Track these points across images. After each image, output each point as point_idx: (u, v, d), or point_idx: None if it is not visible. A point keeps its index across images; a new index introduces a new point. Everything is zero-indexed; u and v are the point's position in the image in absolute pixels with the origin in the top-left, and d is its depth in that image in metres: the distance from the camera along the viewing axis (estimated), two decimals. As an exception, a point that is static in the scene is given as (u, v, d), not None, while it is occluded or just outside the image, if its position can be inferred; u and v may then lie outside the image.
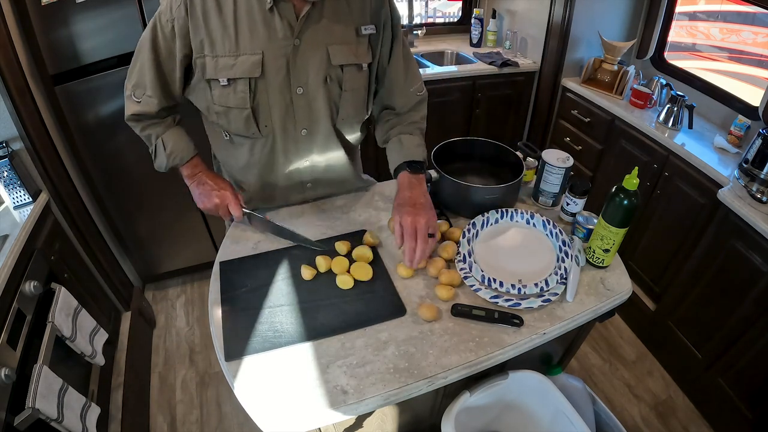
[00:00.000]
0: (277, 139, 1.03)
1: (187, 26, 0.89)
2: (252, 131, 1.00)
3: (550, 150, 1.17)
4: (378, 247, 1.07)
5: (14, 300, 1.15)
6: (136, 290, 1.99)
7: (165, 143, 1.03)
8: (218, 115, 0.99)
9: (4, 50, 1.33)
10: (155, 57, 0.94)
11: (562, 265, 1.00)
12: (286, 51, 0.92)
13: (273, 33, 0.90)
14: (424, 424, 1.13)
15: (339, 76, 0.99)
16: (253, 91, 0.94)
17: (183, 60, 0.94)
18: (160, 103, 0.99)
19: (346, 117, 1.06)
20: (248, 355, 0.82)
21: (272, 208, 1.20)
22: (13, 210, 1.39)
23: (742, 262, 1.51)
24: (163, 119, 1.04)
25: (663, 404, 1.80)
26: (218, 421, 1.71)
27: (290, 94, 0.97)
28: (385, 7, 1.00)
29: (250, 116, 0.97)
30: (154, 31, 0.92)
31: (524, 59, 2.53)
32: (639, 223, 2.02)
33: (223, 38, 0.90)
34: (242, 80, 0.92)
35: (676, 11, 2.14)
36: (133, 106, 1.00)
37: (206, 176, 1.06)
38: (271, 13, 0.89)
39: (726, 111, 1.92)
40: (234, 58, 0.91)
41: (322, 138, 1.07)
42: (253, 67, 0.91)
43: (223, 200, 1.04)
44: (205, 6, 0.88)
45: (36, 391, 1.04)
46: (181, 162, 1.05)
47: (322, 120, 1.03)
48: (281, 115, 0.99)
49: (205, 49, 0.91)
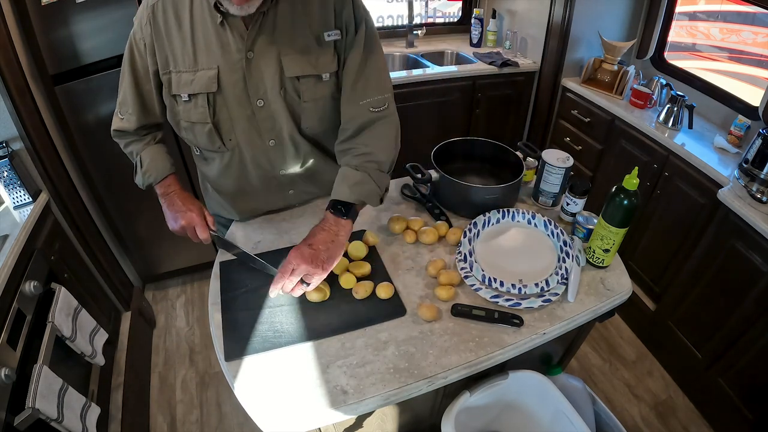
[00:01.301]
0: (244, 151, 1.02)
1: (154, 43, 0.91)
2: (217, 145, 1.00)
3: (550, 150, 1.17)
4: (378, 247, 1.07)
5: (14, 300, 1.15)
6: (136, 290, 1.99)
7: (142, 161, 1.04)
8: (185, 130, 0.99)
9: (4, 50, 1.33)
10: (133, 75, 0.96)
11: (563, 266, 1.00)
12: (240, 64, 0.90)
13: (226, 47, 0.90)
14: (424, 424, 1.13)
15: (296, 87, 0.95)
16: (212, 106, 0.94)
17: (155, 76, 0.95)
18: (139, 120, 1.01)
19: (310, 127, 1.02)
20: (248, 355, 0.82)
21: (261, 214, 1.18)
22: (13, 210, 1.39)
23: (742, 262, 1.50)
24: (143, 137, 1.05)
25: (663, 404, 1.80)
26: (218, 421, 1.71)
27: (251, 106, 0.95)
28: (347, 8, 0.94)
29: (212, 130, 0.97)
30: (131, 49, 0.94)
31: (524, 59, 2.53)
32: (639, 223, 2.02)
33: (183, 54, 0.91)
34: (201, 95, 0.92)
35: (676, 11, 2.14)
36: (117, 122, 1.03)
37: (177, 196, 1.04)
38: (223, 27, 0.88)
39: (726, 111, 1.92)
40: (193, 73, 0.91)
41: (292, 147, 1.04)
42: (210, 82, 0.91)
43: (189, 222, 1.00)
44: (167, 23, 0.89)
45: (36, 391, 1.04)
46: (154, 181, 1.04)
47: (286, 130, 1.00)
48: (244, 128, 0.98)
49: (170, 65, 0.92)
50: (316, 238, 0.91)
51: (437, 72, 2.33)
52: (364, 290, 0.93)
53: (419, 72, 2.33)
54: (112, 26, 1.53)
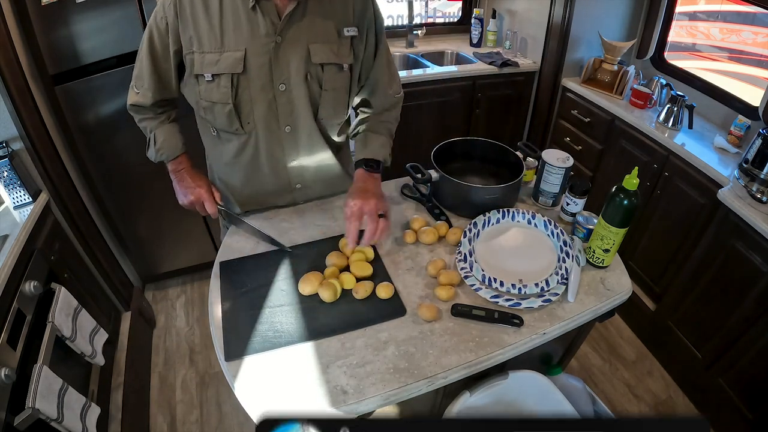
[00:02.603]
0: (260, 136, 1.05)
1: (177, 24, 0.93)
2: (235, 127, 1.03)
3: (550, 150, 1.17)
4: (378, 247, 1.07)
5: (14, 300, 1.15)
6: (136, 290, 1.99)
7: (156, 138, 1.08)
8: (205, 110, 1.02)
9: (4, 50, 1.33)
10: (152, 52, 0.98)
11: (563, 266, 1.00)
12: (268, 48, 0.94)
13: (256, 30, 0.93)
14: (424, 424, 1.13)
15: (319, 74, 1.00)
16: (235, 87, 0.97)
17: (175, 55, 0.98)
18: (155, 95, 1.03)
19: (325, 116, 1.07)
20: (248, 355, 0.82)
21: (262, 210, 1.20)
22: (13, 210, 1.39)
23: (742, 262, 1.50)
24: (158, 115, 1.08)
25: (663, 404, 1.80)
26: (218, 421, 1.71)
27: (273, 90, 0.99)
28: (369, 11, 1.02)
29: (232, 111, 1.00)
30: (151, 28, 0.97)
31: (524, 59, 2.53)
32: (639, 223, 2.02)
33: (209, 35, 0.93)
34: (225, 76, 0.95)
35: (676, 11, 2.14)
36: (133, 96, 1.05)
37: (187, 173, 1.09)
38: (254, 11, 0.91)
39: (726, 111, 1.92)
40: (219, 54, 0.94)
41: (306, 136, 1.08)
42: (236, 63, 0.94)
43: (198, 197, 1.06)
44: (193, 4, 0.92)
45: (36, 391, 1.04)
46: (167, 159, 1.08)
47: (303, 117, 1.05)
48: (264, 111, 1.01)
49: (194, 45, 0.95)
50: (365, 185, 1.02)
51: (437, 72, 2.33)
52: (364, 290, 0.93)
53: (419, 72, 2.33)
54: (112, 26, 1.53)
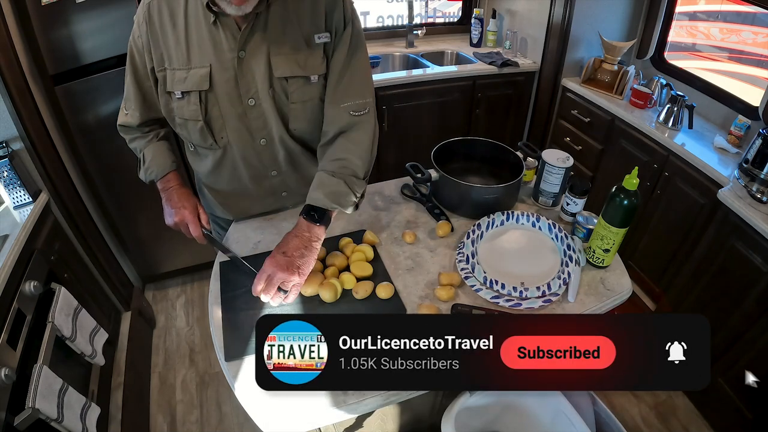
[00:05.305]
0: (235, 150, 1.03)
1: (149, 41, 0.93)
2: (209, 143, 1.01)
3: (550, 150, 1.17)
4: (378, 247, 1.07)
5: (14, 300, 1.15)
6: (136, 290, 1.99)
7: (145, 158, 1.07)
8: (179, 126, 1.01)
9: (4, 50, 1.33)
10: (134, 72, 0.99)
11: (566, 269, 0.99)
12: (232, 63, 0.92)
13: (219, 46, 0.91)
14: (424, 424, 1.13)
15: (285, 87, 0.96)
16: (204, 104, 0.95)
17: (152, 73, 0.97)
18: (142, 116, 1.03)
19: (298, 128, 1.02)
20: (248, 355, 0.82)
21: (250, 217, 1.18)
22: (13, 210, 1.39)
23: (742, 262, 1.50)
24: (146, 134, 1.08)
25: (663, 404, 1.80)
26: (218, 421, 1.71)
27: (242, 105, 0.96)
28: (338, 11, 0.94)
29: (204, 128, 0.98)
30: (131, 47, 0.96)
31: (524, 59, 2.53)
32: (639, 223, 2.02)
33: (177, 52, 0.92)
34: (194, 93, 0.94)
35: (676, 11, 2.14)
36: (122, 117, 1.06)
37: (175, 192, 1.06)
38: (215, 26, 0.90)
39: (726, 111, 1.92)
40: (186, 71, 0.93)
41: (283, 148, 1.04)
42: (202, 80, 0.92)
43: (182, 219, 1.03)
44: (162, 21, 0.91)
45: (36, 391, 1.04)
46: (155, 177, 1.07)
47: (276, 130, 1.01)
48: (236, 126, 0.99)
49: (165, 62, 0.94)
50: (290, 245, 0.91)
51: (437, 72, 2.33)
52: (364, 290, 0.93)
53: (419, 72, 2.33)
54: (112, 26, 1.53)
